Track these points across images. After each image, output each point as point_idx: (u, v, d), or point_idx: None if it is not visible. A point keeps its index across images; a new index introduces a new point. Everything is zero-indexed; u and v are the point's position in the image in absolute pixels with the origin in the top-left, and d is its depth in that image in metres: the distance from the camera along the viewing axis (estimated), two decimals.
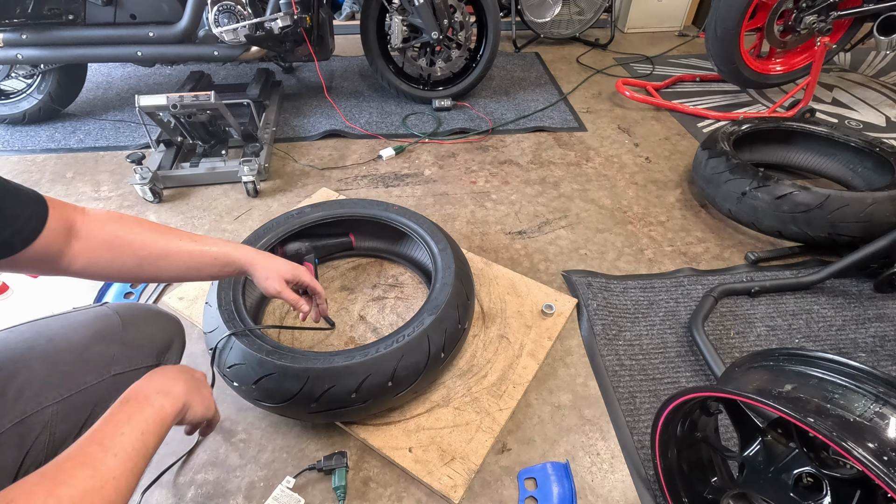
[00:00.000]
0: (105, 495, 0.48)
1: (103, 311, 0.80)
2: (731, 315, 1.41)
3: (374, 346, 1.03)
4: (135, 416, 0.57)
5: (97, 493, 0.48)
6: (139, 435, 0.55)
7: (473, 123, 2.32)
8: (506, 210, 1.81)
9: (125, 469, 0.52)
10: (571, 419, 1.16)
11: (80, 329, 0.74)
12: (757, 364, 0.87)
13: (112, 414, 0.56)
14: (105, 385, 0.72)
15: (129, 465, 0.52)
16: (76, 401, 0.69)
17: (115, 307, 0.81)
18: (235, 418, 1.15)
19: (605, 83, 2.74)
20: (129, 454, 0.53)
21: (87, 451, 0.51)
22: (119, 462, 0.51)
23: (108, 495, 0.49)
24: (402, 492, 1.03)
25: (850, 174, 1.83)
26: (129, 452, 0.53)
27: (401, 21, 2.18)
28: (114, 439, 0.53)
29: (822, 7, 2.26)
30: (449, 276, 1.20)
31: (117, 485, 0.50)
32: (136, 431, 0.55)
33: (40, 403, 0.66)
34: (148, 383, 0.63)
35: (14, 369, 0.66)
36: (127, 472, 0.52)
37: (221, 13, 1.88)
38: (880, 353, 1.31)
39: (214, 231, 1.69)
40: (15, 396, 0.64)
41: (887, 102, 2.52)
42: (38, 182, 1.91)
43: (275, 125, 2.23)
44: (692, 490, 0.95)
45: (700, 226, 1.75)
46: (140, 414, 0.57)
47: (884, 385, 0.70)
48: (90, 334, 0.74)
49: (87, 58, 1.96)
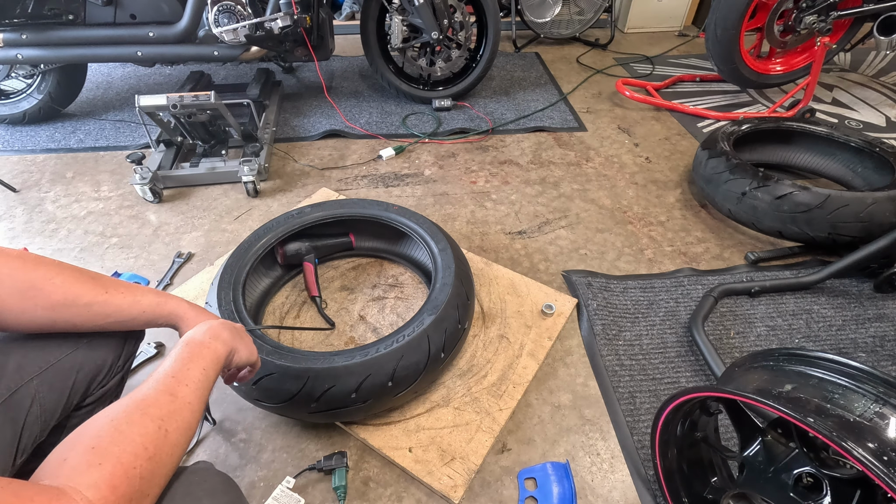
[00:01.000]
0: (184, 416, 0.59)
1: None
2: (731, 315, 1.41)
3: (374, 346, 1.03)
4: (196, 356, 0.66)
5: (178, 413, 0.58)
6: (202, 370, 0.65)
7: (473, 123, 2.32)
8: (506, 210, 1.81)
9: (196, 396, 0.62)
10: (571, 419, 1.16)
11: None
12: (757, 364, 0.87)
13: (178, 354, 0.65)
14: (81, 352, 0.75)
15: (199, 393, 0.62)
16: (57, 370, 0.72)
17: None
18: (235, 418, 1.15)
19: (605, 83, 2.74)
20: (197, 384, 0.63)
21: (165, 382, 0.60)
22: (191, 391, 0.61)
23: (186, 416, 0.59)
24: (402, 492, 1.03)
25: (850, 174, 1.83)
26: (197, 383, 0.63)
27: (401, 21, 2.18)
28: (183, 373, 0.63)
29: (822, 7, 2.26)
30: (449, 276, 1.20)
31: (192, 408, 0.60)
32: (199, 367, 0.65)
33: (22, 378, 0.68)
34: (201, 331, 0.71)
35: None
36: (197, 399, 0.62)
37: (221, 13, 1.88)
38: (880, 353, 1.31)
39: (214, 231, 1.69)
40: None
41: (887, 102, 2.52)
42: (38, 182, 1.91)
43: (275, 125, 2.23)
44: (692, 490, 0.95)
45: (700, 226, 1.75)
46: (200, 353, 0.67)
47: (884, 385, 0.70)
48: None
49: (87, 58, 1.96)
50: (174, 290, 1.45)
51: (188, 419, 0.59)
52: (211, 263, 1.55)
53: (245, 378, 0.85)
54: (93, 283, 0.71)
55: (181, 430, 0.58)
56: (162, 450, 0.54)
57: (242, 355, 0.76)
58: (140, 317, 0.75)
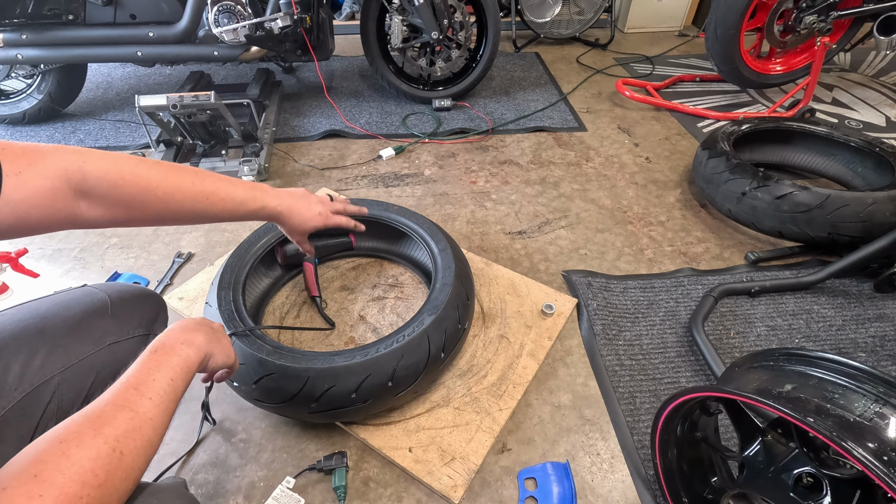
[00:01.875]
0: (144, 433, 0.54)
1: (89, 290, 0.82)
2: (731, 315, 1.41)
3: (374, 346, 1.03)
4: (164, 364, 0.61)
5: (137, 431, 0.53)
6: (169, 381, 0.60)
7: (473, 123, 2.32)
8: (506, 210, 1.81)
9: (159, 410, 0.57)
10: (571, 419, 1.16)
11: (71, 306, 0.77)
12: (757, 364, 0.87)
13: (143, 363, 0.61)
14: (102, 354, 0.76)
15: (163, 406, 0.57)
16: (77, 370, 0.72)
17: (100, 286, 0.83)
18: (235, 418, 1.15)
19: (605, 83, 2.74)
20: (162, 397, 0.58)
21: (125, 395, 0.55)
22: (154, 404, 0.56)
23: (146, 433, 0.54)
24: (402, 492, 1.03)
25: (850, 174, 1.83)
26: (162, 395, 0.58)
27: (401, 21, 2.18)
28: (147, 384, 0.58)
29: (822, 7, 2.26)
30: (449, 276, 1.20)
31: (154, 424, 0.55)
32: (166, 378, 0.60)
33: (45, 375, 0.69)
34: (172, 335, 0.66)
35: (15, 346, 0.69)
36: (161, 413, 0.57)
37: (221, 13, 1.88)
38: (880, 353, 1.31)
39: (214, 231, 1.69)
40: (20, 372, 0.67)
41: (887, 102, 2.52)
42: None
43: (275, 125, 2.23)
44: (692, 490, 0.95)
45: (700, 226, 1.75)
46: (168, 362, 0.62)
47: (884, 385, 0.70)
48: (81, 310, 0.77)
49: (87, 58, 1.96)
50: (174, 290, 1.45)
51: (149, 437, 0.54)
52: (211, 263, 1.55)
53: (222, 378, 0.82)
54: (193, 189, 0.74)
55: (139, 451, 0.53)
56: (114, 475, 0.49)
57: (218, 359, 0.72)
58: (241, 219, 0.81)
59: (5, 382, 0.66)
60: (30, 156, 0.60)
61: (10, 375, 0.66)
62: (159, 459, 1.06)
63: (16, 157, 0.58)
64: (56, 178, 0.61)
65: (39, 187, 0.59)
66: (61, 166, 0.62)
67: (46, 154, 0.62)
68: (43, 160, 0.61)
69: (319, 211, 0.89)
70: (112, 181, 0.65)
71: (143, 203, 0.68)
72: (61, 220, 0.63)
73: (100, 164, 0.65)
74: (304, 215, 0.87)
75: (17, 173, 0.58)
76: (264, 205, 0.82)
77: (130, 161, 0.68)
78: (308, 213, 0.87)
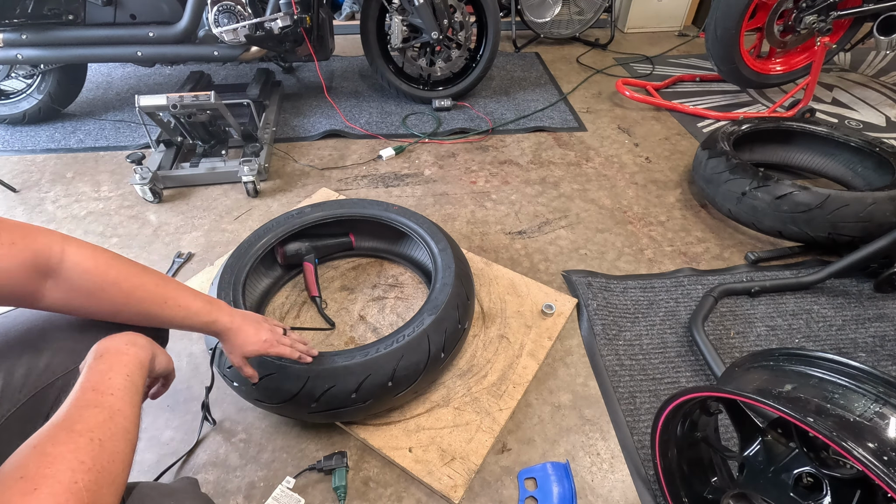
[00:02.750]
0: (116, 422, 0.54)
1: None
2: (731, 315, 1.41)
3: (374, 346, 1.03)
4: (115, 364, 0.62)
5: (109, 421, 0.54)
6: (125, 377, 0.60)
7: (473, 123, 2.32)
8: (506, 210, 1.81)
9: (124, 403, 0.57)
10: (571, 419, 1.16)
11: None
12: (757, 364, 0.87)
13: (93, 367, 0.60)
14: None
15: (126, 399, 0.58)
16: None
17: None
18: (235, 418, 1.15)
19: (605, 83, 2.74)
20: (123, 391, 0.58)
21: (86, 397, 0.55)
22: (117, 398, 0.57)
23: (119, 422, 0.54)
24: (402, 492, 1.03)
25: (850, 174, 1.83)
26: (123, 390, 0.58)
27: (401, 21, 2.18)
28: (104, 383, 0.58)
29: (822, 7, 2.26)
30: (449, 276, 1.20)
31: (123, 414, 0.56)
32: (122, 374, 0.60)
33: (49, 377, 0.70)
34: (115, 339, 0.66)
35: (20, 348, 0.70)
36: (127, 405, 0.57)
37: (221, 13, 1.88)
38: (880, 353, 1.31)
39: (214, 231, 1.69)
40: (24, 373, 0.68)
41: (887, 102, 2.52)
42: (38, 182, 1.91)
43: (275, 125, 2.23)
44: (692, 490, 0.95)
45: (700, 226, 1.75)
46: (119, 361, 0.62)
47: (884, 385, 0.70)
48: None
49: (87, 58, 1.96)
50: None
51: (123, 425, 0.55)
52: (211, 263, 1.55)
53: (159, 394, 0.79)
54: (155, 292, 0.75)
55: (117, 438, 0.53)
56: (100, 459, 0.50)
57: (162, 361, 0.72)
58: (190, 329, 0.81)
59: (10, 384, 0.66)
60: (25, 229, 0.64)
61: (15, 377, 0.67)
62: (159, 459, 1.06)
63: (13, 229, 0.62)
64: (40, 253, 0.64)
65: (25, 259, 0.62)
66: (48, 244, 0.65)
67: (40, 231, 0.66)
68: (36, 235, 0.65)
69: (266, 338, 0.90)
70: (85, 268, 0.67)
71: (105, 294, 0.70)
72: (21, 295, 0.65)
73: (80, 250, 0.68)
74: (250, 338, 0.88)
75: (11, 243, 0.61)
76: (216, 319, 0.83)
77: (106, 253, 0.71)
78: (254, 338, 0.88)
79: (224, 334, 0.85)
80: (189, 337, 1.30)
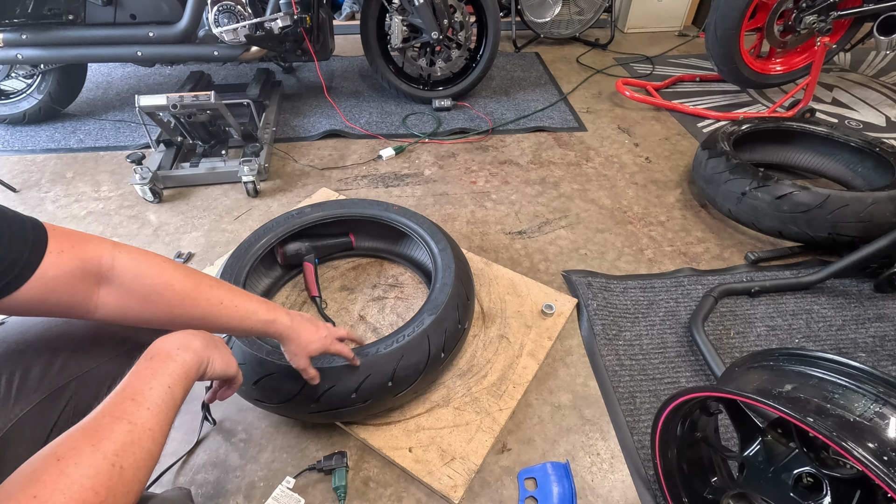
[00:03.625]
0: (143, 446, 0.52)
1: None
2: (731, 315, 1.41)
3: (374, 346, 1.03)
4: (160, 371, 0.60)
5: (136, 444, 0.52)
6: (167, 389, 0.58)
7: (473, 123, 2.32)
8: (506, 210, 1.81)
9: (158, 420, 0.55)
10: (571, 419, 1.16)
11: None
12: (757, 364, 0.87)
13: (139, 370, 0.60)
14: (119, 360, 0.76)
15: (161, 416, 0.56)
16: (95, 375, 0.73)
17: None
18: (235, 418, 1.15)
19: (605, 83, 2.74)
20: (160, 406, 0.56)
21: (122, 407, 0.54)
22: (152, 414, 0.55)
23: (145, 446, 0.52)
24: (402, 492, 1.03)
25: (850, 174, 1.83)
26: (160, 405, 0.56)
27: (401, 21, 2.18)
28: (144, 394, 0.56)
29: (822, 7, 2.26)
30: (449, 276, 1.20)
31: (153, 435, 0.54)
32: (164, 385, 0.58)
33: (64, 379, 0.70)
34: (168, 340, 0.65)
35: (37, 348, 0.70)
36: (160, 424, 0.55)
37: (221, 13, 1.88)
38: (880, 353, 1.31)
39: (214, 231, 1.69)
40: (40, 374, 0.68)
41: (887, 102, 2.52)
42: (38, 182, 1.91)
43: (275, 125, 2.23)
44: (692, 490, 0.95)
45: (700, 226, 1.75)
46: (165, 369, 0.60)
47: (884, 385, 0.70)
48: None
49: (87, 58, 1.96)
50: None
51: (149, 449, 0.53)
52: (211, 263, 1.55)
53: (225, 396, 0.79)
54: (210, 293, 0.73)
55: (139, 465, 0.51)
56: (116, 491, 0.48)
57: (217, 367, 0.69)
58: (249, 332, 0.79)
59: (25, 383, 0.66)
60: (74, 238, 0.63)
61: (31, 377, 0.67)
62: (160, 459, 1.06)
63: (62, 237, 0.62)
64: (90, 261, 0.63)
65: (74, 267, 0.62)
66: (98, 252, 0.64)
67: (90, 239, 0.65)
68: (84, 243, 0.64)
69: (325, 335, 0.89)
70: (138, 272, 0.67)
71: (160, 297, 0.69)
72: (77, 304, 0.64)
73: (132, 255, 0.68)
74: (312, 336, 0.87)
75: (59, 251, 0.61)
76: (276, 318, 0.82)
77: (158, 258, 0.70)
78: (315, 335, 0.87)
79: (286, 334, 0.83)
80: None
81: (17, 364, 0.66)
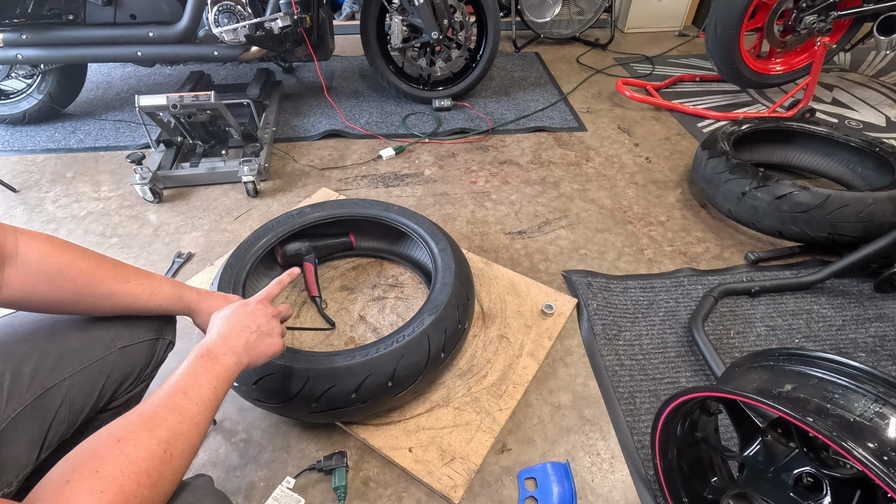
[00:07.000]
0: (190, 437, 0.58)
1: None
2: (731, 315, 1.41)
3: (374, 346, 1.03)
4: (208, 371, 0.65)
5: (185, 435, 0.57)
6: (213, 388, 0.64)
7: (473, 123, 2.32)
8: (506, 210, 1.81)
9: (204, 416, 0.61)
10: (571, 419, 1.16)
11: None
12: (757, 364, 0.87)
13: (190, 367, 0.65)
14: (113, 357, 0.76)
15: (206, 413, 0.61)
16: (89, 373, 0.73)
17: None
18: (235, 418, 1.15)
19: (605, 83, 2.74)
20: (206, 403, 0.62)
21: (175, 399, 0.59)
22: (200, 410, 0.60)
23: (192, 437, 0.58)
24: (402, 492, 1.03)
25: (850, 174, 1.83)
26: (206, 402, 0.62)
27: (401, 21, 2.18)
28: (194, 389, 0.62)
29: (822, 7, 2.26)
30: (449, 276, 1.20)
31: (198, 429, 0.59)
32: (210, 385, 0.64)
33: (56, 378, 0.70)
34: (218, 343, 0.71)
35: (27, 349, 0.69)
36: (205, 419, 0.61)
37: (221, 13, 1.88)
38: (880, 353, 1.31)
39: (214, 231, 1.69)
40: (31, 373, 0.68)
41: (887, 102, 2.52)
42: (38, 182, 1.91)
43: (275, 125, 2.23)
44: (692, 490, 0.95)
45: (700, 226, 1.75)
46: (212, 370, 0.66)
47: (884, 385, 0.70)
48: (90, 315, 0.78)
49: (87, 58, 1.96)
50: None
51: (193, 441, 0.58)
52: (211, 263, 1.55)
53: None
54: (115, 271, 0.75)
55: (185, 454, 0.56)
56: (164, 476, 0.53)
57: (258, 363, 0.76)
58: (157, 308, 0.80)
59: (17, 384, 0.66)
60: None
61: (22, 377, 0.67)
62: None
63: None
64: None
65: None
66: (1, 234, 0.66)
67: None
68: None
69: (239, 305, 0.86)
70: (42, 251, 0.68)
71: (66, 276, 0.69)
72: None
73: (35, 237, 0.69)
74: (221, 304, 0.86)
75: None
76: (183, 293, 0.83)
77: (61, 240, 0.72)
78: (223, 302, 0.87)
79: (194, 307, 0.84)
80: (190, 337, 1.30)
81: (6, 364, 0.66)
